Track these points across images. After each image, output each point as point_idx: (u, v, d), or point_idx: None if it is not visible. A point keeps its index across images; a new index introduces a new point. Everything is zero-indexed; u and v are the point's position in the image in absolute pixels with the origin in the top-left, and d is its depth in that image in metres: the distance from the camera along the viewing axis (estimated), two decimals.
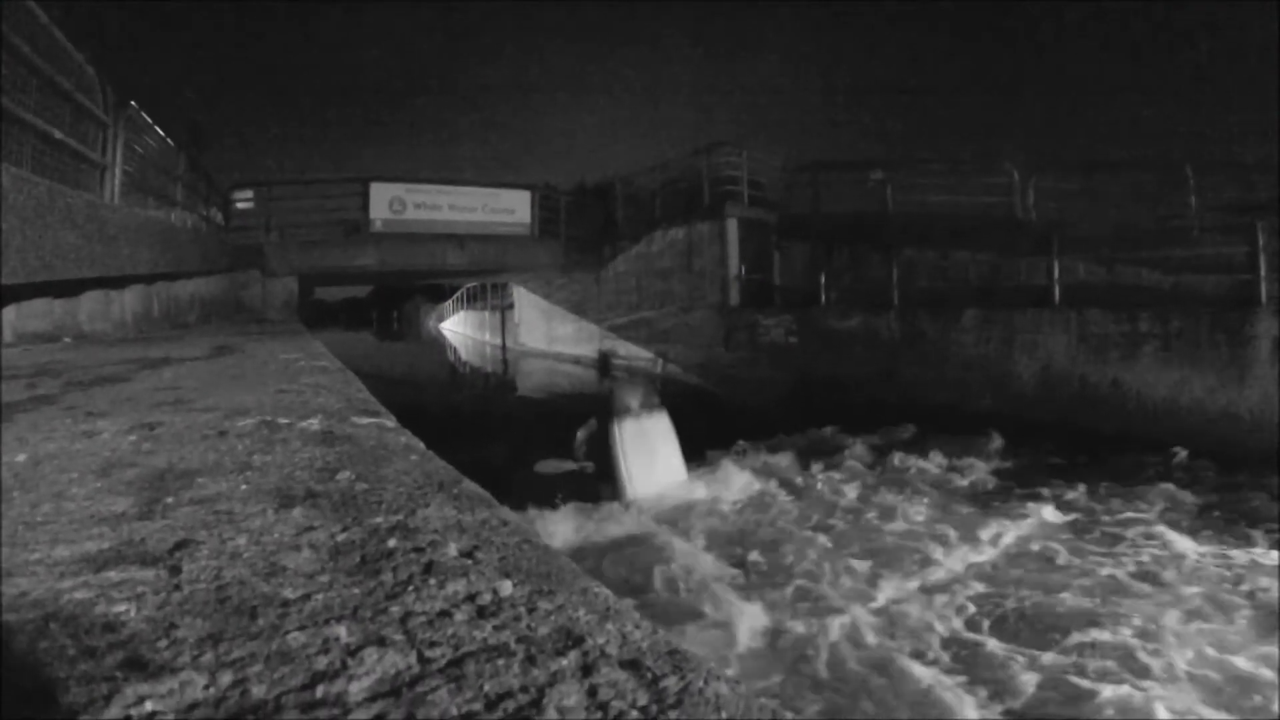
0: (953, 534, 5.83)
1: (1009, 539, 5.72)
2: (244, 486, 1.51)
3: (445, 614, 0.92)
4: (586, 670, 0.78)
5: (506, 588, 1.00)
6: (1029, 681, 3.78)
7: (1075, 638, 4.14)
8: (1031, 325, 8.56)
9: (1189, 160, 10.11)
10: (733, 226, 12.68)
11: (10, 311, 4.84)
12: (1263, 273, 7.12)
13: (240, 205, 13.23)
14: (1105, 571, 5.07)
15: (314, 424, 2.20)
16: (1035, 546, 5.58)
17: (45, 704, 0.71)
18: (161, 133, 7.74)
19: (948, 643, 4.23)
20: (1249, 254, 7.27)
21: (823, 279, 11.36)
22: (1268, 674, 3.78)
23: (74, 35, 4.94)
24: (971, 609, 4.62)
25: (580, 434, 8.17)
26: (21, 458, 1.75)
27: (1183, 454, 7.12)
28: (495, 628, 0.89)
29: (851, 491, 7.07)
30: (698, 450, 8.06)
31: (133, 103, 6.32)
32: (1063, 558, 5.36)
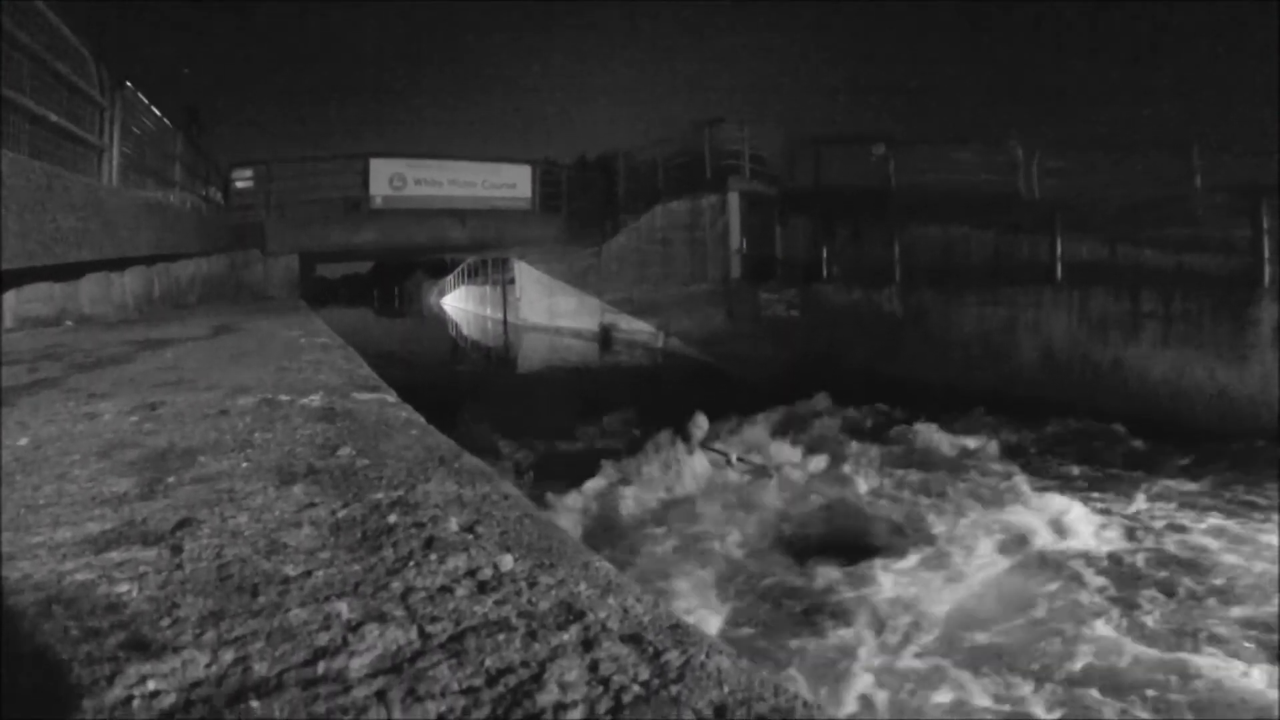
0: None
1: None
2: (245, 464, 1.51)
3: (446, 589, 0.92)
4: (588, 645, 0.78)
5: (507, 562, 1.00)
6: None
7: None
8: (1033, 303, 8.52)
9: (1195, 139, 9.91)
10: (735, 201, 12.59)
11: (11, 296, 4.83)
12: (1266, 255, 7.03)
13: (240, 185, 13.18)
14: None
15: (315, 400, 2.20)
16: None
17: (49, 686, 0.71)
18: (159, 114, 7.69)
19: None
20: (1252, 236, 7.18)
21: (825, 254, 11.27)
22: None
23: (68, 16, 4.88)
24: None
25: None
26: (24, 441, 1.75)
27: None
28: (496, 603, 0.89)
29: None
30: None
31: (129, 84, 6.26)
32: None
